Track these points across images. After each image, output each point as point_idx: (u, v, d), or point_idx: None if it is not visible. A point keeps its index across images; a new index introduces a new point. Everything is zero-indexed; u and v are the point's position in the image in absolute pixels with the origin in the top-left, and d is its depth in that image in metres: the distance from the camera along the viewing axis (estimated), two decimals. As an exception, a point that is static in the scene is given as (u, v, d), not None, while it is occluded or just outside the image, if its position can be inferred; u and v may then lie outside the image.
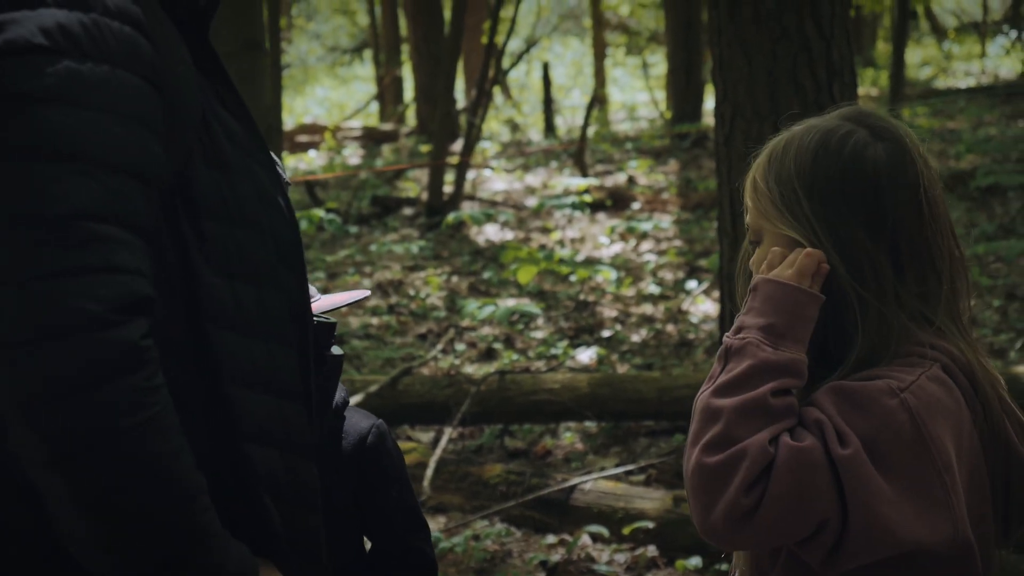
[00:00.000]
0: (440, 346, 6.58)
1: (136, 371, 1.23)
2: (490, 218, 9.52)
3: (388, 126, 17.43)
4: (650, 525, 4.08)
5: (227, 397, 1.38)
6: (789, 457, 1.42)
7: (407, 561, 1.96)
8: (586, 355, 6.33)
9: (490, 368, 6.10)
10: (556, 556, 4.08)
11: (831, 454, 1.42)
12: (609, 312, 7.23)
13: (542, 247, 8.89)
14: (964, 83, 17.52)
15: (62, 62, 1.25)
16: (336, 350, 1.85)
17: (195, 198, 1.38)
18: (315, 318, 1.69)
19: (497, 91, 18.17)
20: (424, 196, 10.93)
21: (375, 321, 7.28)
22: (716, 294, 6.87)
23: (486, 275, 8.17)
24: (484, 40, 12.39)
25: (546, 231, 9.79)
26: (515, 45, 21.52)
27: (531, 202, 11.00)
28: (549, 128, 16.17)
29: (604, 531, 4.16)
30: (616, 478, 4.53)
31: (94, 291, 1.21)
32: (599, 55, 19.79)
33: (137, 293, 1.25)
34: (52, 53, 1.25)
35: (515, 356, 6.38)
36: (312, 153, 15.41)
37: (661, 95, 18.99)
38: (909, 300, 1.56)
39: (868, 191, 1.56)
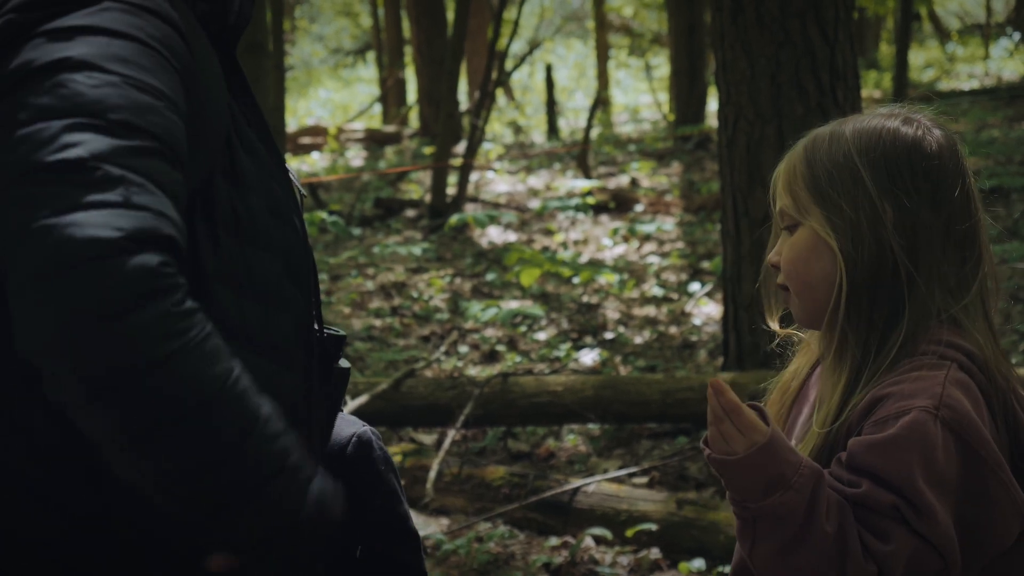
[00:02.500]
0: (443, 348, 6.58)
1: (162, 297, 1.19)
2: (493, 220, 9.52)
3: (391, 128, 17.43)
4: (653, 527, 4.08)
5: None
6: (896, 568, 1.46)
7: (393, 573, 1.91)
8: (589, 357, 6.33)
9: (493, 370, 6.11)
10: (559, 558, 4.08)
11: (917, 530, 1.46)
12: (612, 314, 7.23)
13: (545, 249, 8.90)
14: (967, 85, 17.51)
15: (100, 35, 1.29)
16: (344, 363, 1.82)
17: (212, 211, 1.37)
18: (325, 330, 1.67)
19: (500, 93, 18.19)
20: (427, 198, 10.93)
21: (378, 323, 7.28)
22: (719, 296, 6.87)
23: (489, 277, 8.17)
24: (487, 42, 12.40)
25: (549, 233, 9.79)
26: (518, 47, 21.53)
27: (534, 204, 11.01)
28: (552, 130, 16.18)
29: (607, 533, 4.16)
30: (619, 480, 4.53)
31: (110, 221, 1.18)
32: (602, 57, 19.80)
33: (158, 230, 1.21)
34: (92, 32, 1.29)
35: (518, 358, 6.38)
36: (315, 155, 15.42)
37: (664, 97, 19.00)
38: (943, 288, 1.59)
39: (932, 169, 1.60)
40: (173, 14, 1.36)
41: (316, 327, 1.60)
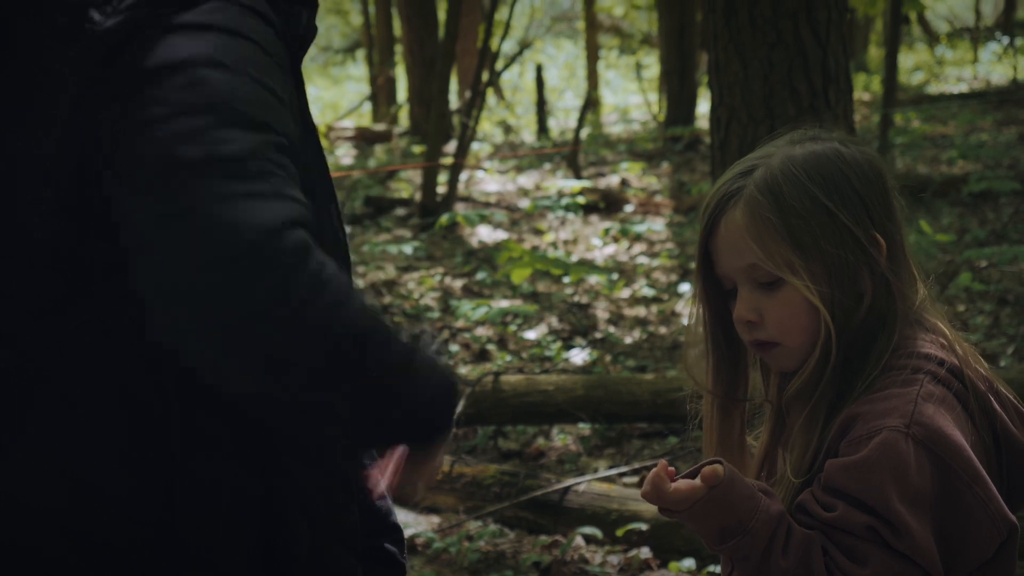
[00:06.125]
0: (434, 347, 6.57)
1: (315, 263, 1.27)
2: (483, 219, 9.52)
3: (381, 127, 17.41)
4: (644, 527, 4.09)
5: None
6: None
7: (373, 558, 1.95)
8: (580, 357, 6.34)
9: (483, 369, 6.12)
10: (549, 557, 4.09)
11: (896, 549, 1.45)
12: (602, 314, 7.24)
13: (535, 248, 8.90)
14: (956, 89, 17.57)
15: (223, 34, 1.31)
16: None
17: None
18: None
19: (490, 93, 18.18)
20: (417, 197, 10.93)
21: (368, 321, 7.27)
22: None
23: (480, 276, 8.18)
24: (478, 42, 12.41)
25: (539, 233, 9.80)
26: (509, 47, 21.53)
27: (524, 204, 11.01)
28: (542, 130, 16.18)
29: (598, 533, 4.17)
30: (610, 480, 4.54)
31: (270, 209, 1.24)
32: (592, 57, 19.80)
33: (304, 216, 1.29)
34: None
35: (509, 357, 6.39)
36: (305, 153, 15.38)
37: (654, 97, 19.02)
38: (907, 301, 1.59)
39: (885, 184, 1.60)
40: (273, 17, 1.38)
41: None
